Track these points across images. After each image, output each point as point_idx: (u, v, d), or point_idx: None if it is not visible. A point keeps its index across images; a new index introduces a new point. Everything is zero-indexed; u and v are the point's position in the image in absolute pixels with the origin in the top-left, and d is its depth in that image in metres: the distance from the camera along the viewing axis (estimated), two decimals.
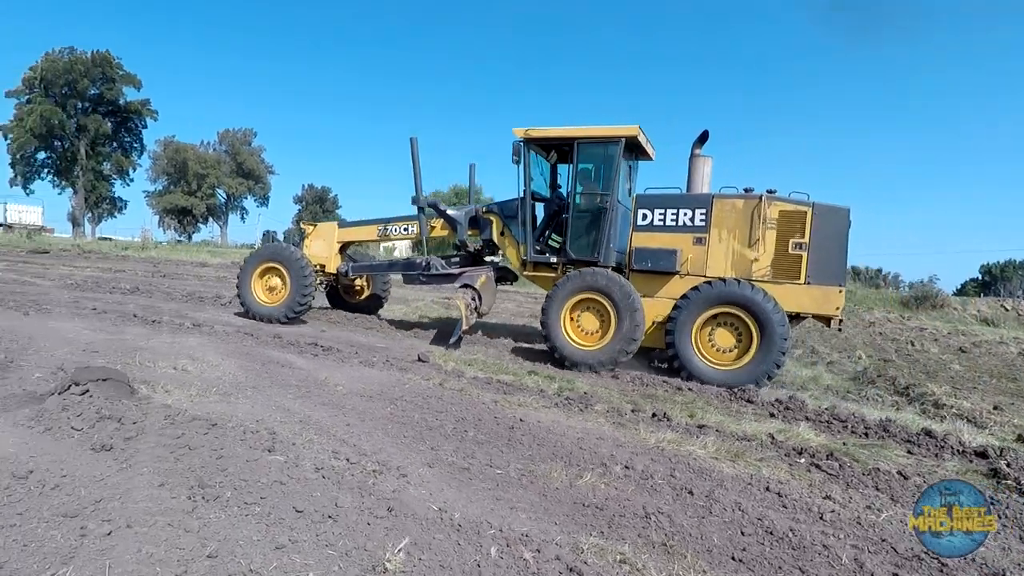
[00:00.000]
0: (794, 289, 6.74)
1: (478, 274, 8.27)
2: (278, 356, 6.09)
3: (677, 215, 7.20)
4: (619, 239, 7.72)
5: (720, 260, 7.01)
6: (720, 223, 7.02)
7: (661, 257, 7.17)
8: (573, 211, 7.83)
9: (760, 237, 6.82)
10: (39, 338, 5.80)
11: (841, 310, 6.71)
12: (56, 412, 3.56)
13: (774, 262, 6.81)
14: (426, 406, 4.72)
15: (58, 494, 2.61)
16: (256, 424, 3.79)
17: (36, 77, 49.15)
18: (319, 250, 9.55)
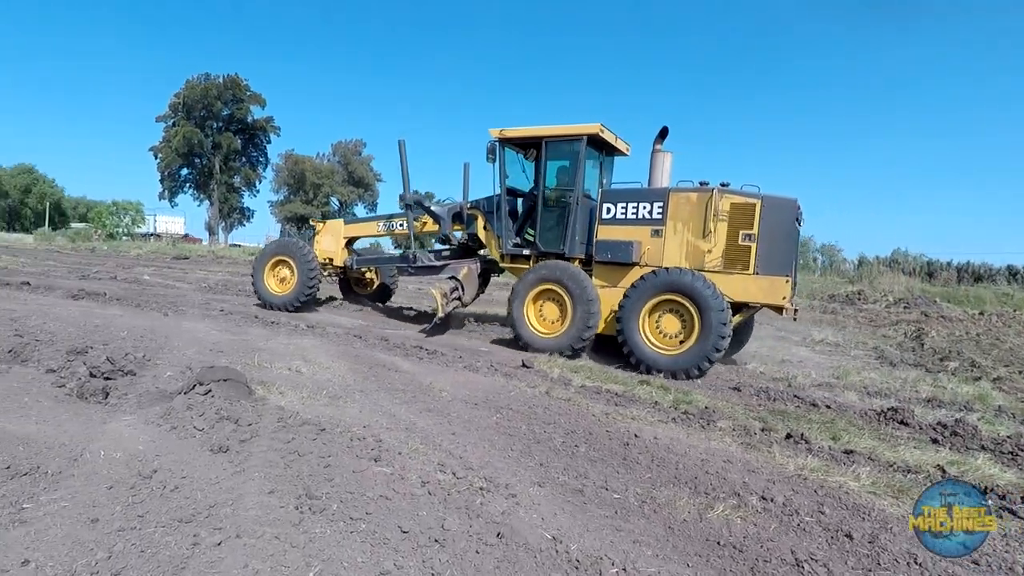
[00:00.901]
0: (743, 279, 6.88)
1: (461, 266, 8.84)
2: (385, 359, 6.12)
3: (637, 209, 7.44)
4: (588, 232, 7.95)
5: (675, 251, 7.21)
6: (675, 216, 7.23)
7: (621, 249, 7.40)
8: (541, 206, 8.25)
9: (712, 229, 6.99)
10: (173, 337, 6.23)
11: (789, 299, 6.79)
12: (182, 411, 3.69)
13: (725, 253, 6.96)
14: (533, 416, 4.47)
15: (177, 496, 2.62)
16: (363, 430, 3.73)
17: (179, 102, 55.23)
18: (328, 245, 10.34)
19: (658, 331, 7.07)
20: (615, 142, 8.29)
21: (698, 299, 6.68)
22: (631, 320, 7.04)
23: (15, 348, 5.13)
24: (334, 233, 10.44)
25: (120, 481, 2.72)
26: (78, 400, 3.90)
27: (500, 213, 8.52)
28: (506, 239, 8.52)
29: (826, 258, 35.36)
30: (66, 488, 2.60)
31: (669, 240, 7.25)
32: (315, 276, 9.52)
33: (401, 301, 12.47)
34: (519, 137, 8.39)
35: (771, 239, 6.82)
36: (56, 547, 2.14)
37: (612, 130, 8.09)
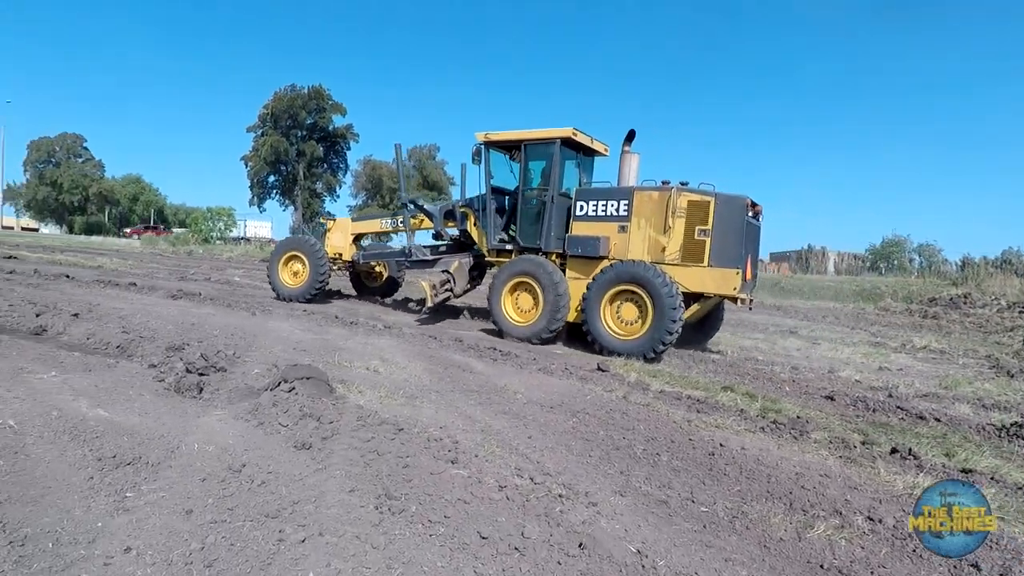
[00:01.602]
0: (699, 271, 7.30)
1: (453, 260, 9.40)
2: (459, 360, 6.14)
3: (606, 206, 7.94)
4: (566, 229, 8.39)
5: (639, 246, 7.65)
6: (639, 213, 7.67)
7: (591, 244, 7.92)
8: (521, 204, 8.83)
9: (671, 225, 7.44)
10: (260, 336, 6.52)
11: (739, 289, 7.22)
12: (268, 407, 3.81)
13: (683, 247, 7.38)
14: (610, 421, 4.32)
15: (263, 492, 2.68)
16: (439, 431, 3.72)
17: (268, 113, 58.55)
18: (337, 241, 11.01)
19: (618, 318, 7.56)
20: (591, 144, 8.77)
21: (651, 289, 7.11)
22: (593, 309, 7.52)
23: (122, 344, 5.54)
24: (343, 230, 11.12)
25: (212, 474, 2.82)
26: (175, 394, 4.13)
27: (486, 211, 9.09)
28: (492, 235, 9.09)
29: (924, 259, 32.72)
30: (164, 479, 2.73)
31: (634, 235, 7.72)
32: (325, 270, 10.22)
33: (409, 293, 12.77)
34: (502, 140, 8.98)
35: (724, 234, 7.24)
36: (155, 536, 2.23)
37: (588, 133, 8.65)
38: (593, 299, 7.53)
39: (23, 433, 3.09)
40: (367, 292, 12.26)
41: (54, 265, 14.73)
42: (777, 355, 8.29)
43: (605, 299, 7.50)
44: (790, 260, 42.93)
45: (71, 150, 69.89)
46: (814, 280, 25.61)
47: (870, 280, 24.64)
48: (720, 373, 6.61)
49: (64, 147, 69.43)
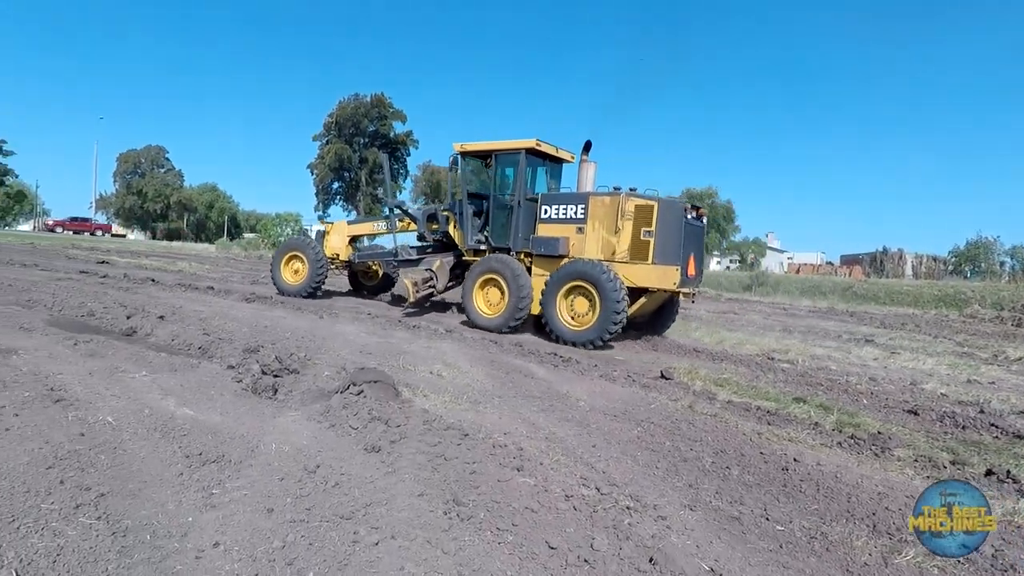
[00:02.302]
0: (644, 268, 7.97)
1: (435, 259, 10.09)
2: (520, 365, 6.16)
3: (566, 210, 8.71)
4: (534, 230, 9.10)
5: (594, 246, 8.37)
6: (594, 216, 8.41)
7: (553, 244, 8.68)
8: (493, 208, 9.64)
9: (621, 227, 8.14)
10: (328, 339, 6.76)
11: (679, 284, 7.88)
12: (338, 410, 3.94)
13: (630, 247, 8.07)
14: (676, 432, 4.21)
15: (337, 493, 2.77)
16: (504, 437, 3.73)
17: (332, 122, 60.74)
18: (335, 243, 11.83)
19: (572, 311, 8.27)
20: (556, 152, 9.58)
21: (598, 284, 7.82)
22: (550, 302, 8.30)
23: (203, 345, 5.86)
24: (340, 233, 11.98)
25: (289, 474, 2.94)
26: (252, 395, 4.33)
27: (464, 214, 9.89)
28: (469, 236, 9.87)
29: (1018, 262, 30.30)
30: (246, 477, 2.86)
31: (589, 236, 8.45)
32: (322, 268, 11.12)
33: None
34: (475, 150, 9.82)
35: (666, 235, 7.93)
36: (240, 532, 2.34)
37: (552, 143, 9.42)
38: (550, 294, 8.32)
39: (120, 429, 3.33)
40: (364, 290, 13.02)
41: (140, 269, 15.79)
42: (852, 365, 7.87)
43: (560, 294, 8.26)
44: (863, 263, 40.77)
45: (155, 161, 74.77)
46: (890, 284, 24.19)
47: (953, 285, 23.03)
48: (791, 383, 6.33)
49: (148, 158, 74.36)
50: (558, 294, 8.23)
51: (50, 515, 2.31)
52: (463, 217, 9.95)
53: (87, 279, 11.53)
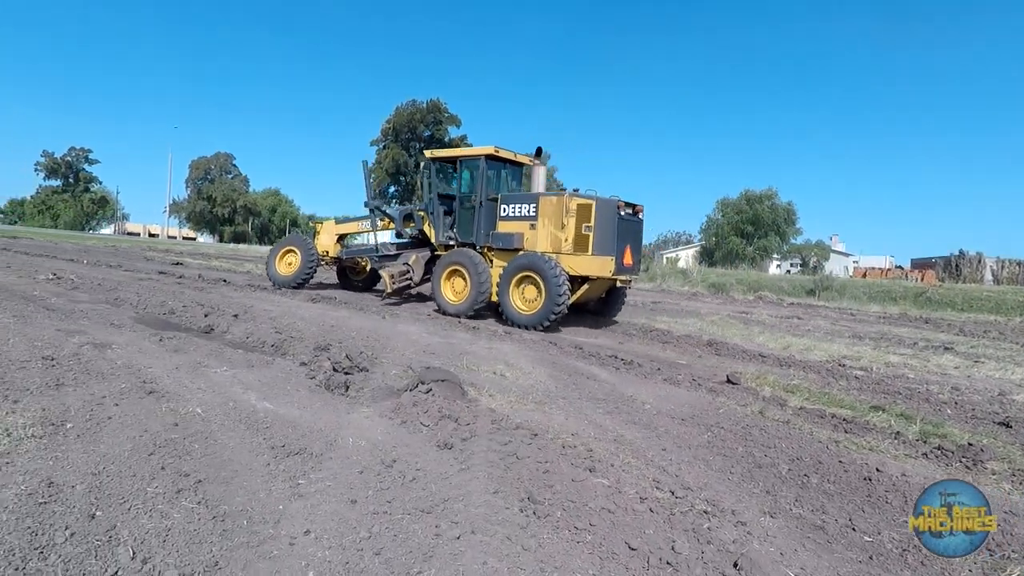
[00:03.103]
0: (585, 259, 8.85)
1: (411, 254, 11.15)
2: (582, 367, 6.13)
3: (520, 209, 9.57)
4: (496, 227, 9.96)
5: (544, 240, 9.21)
6: (543, 214, 9.25)
7: (509, 239, 9.58)
8: (459, 207, 10.71)
9: (565, 223, 8.95)
10: (392, 338, 6.92)
11: (615, 272, 8.97)
12: (408, 407, 4.03)
13: (574, 240, 8.88)
14: (748, 437, 4.09)
15: (415, 487, 2.84)
16: (572, 438, 3.73)
17: (390, 127, 62.25)
18: (325, 241, 12.88)
19: (523, 297, 9.20)
20: (515, 157, 10.60)
21: (543, 274, 8.74)
22: (505, 290, 9.26)
23: (276, 343, 6.12)
24: (328, 231, 13.03)
25: (368, 468, 3.03)
26: (325, 391, 4.48)
27: (435, 214, 10.96)
28: (440, 233, 10.90)
29: None
30: (327, 469, 2.97)
31: (540, 232, 9.29)
32: (313, 262, 12.27)
33: None
34: (443, 157, 11.08)
35: (603, 229, 8.87)
36: (327, 522, 2.43)
37: (511, 149, 10.48)
38: (504, 283, 9.28)
39: (209, 420, 3.51)
40: (355, 284, 13.70)
41: (212, 271, 16.61)
42: (931, 373, 7.43)
43: (513, 283, 9.22)
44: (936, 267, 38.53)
45: (223, 167, 78.63)
46: (968, 290, 22.72)
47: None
48: (865, 391, 6.03)
49: (218, 165, 78.25)
50: (511, 283, 9.22)
51: (156, 498, 2.47)
52: (435, 216, 11.03)
53: (165, 279, 12.22)
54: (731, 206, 49.62)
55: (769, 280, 27.07)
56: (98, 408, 3.49)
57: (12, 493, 2.37)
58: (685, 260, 47.58)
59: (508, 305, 9.22)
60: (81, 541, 2.10)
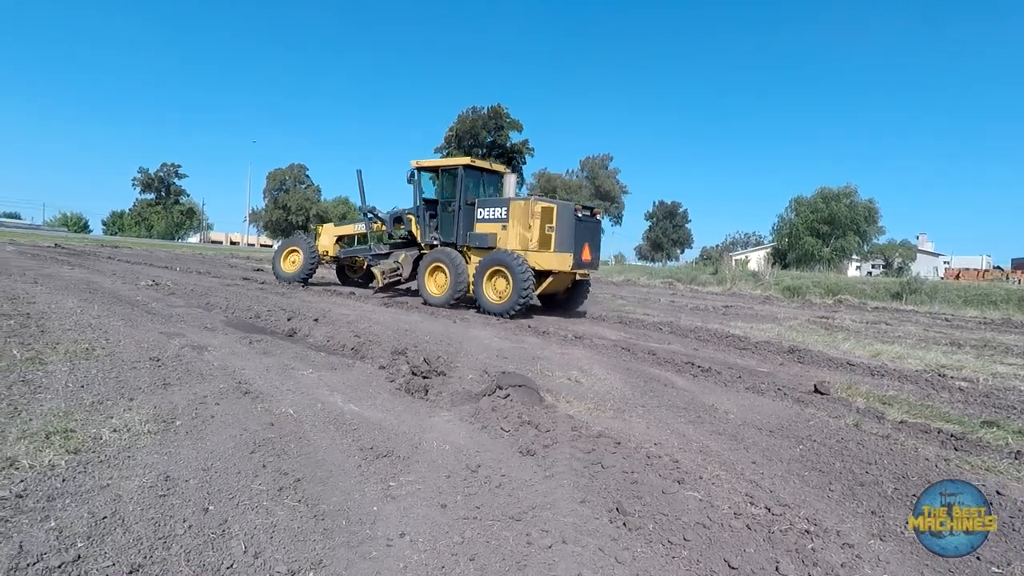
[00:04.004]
0: (548, 255, 10.11)
1: (401, 253, 12.58)
2: (658, 374, 5.98)
3: (494, 212, 10.87)
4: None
5: (514, 240, 10.42)
6: (513, 216, 10.52)
7: (484, 239, 10.92)
8: (441, 211, 12.05)
9: (531, 224, 10.19)
10: (465, 343, 7.00)
11: (573, 267, 10.35)
12: (488, 412, 4.06)
13: (538, 239, 10.10)
14: (845, 452, 3.85)
15: (502, 493, 2.84)
16: (656, 448, 3.63)
17: (452, 134, 63.40)
18: (325, 242, 14.20)
19: (495, 289, 10.39)
20: (491, 166, 12.25)
21: (510, 268, 9.96)
22: (479, 283, 10.48)
23: (355, 346, 6.31)
24: (328, 234, 14.39)
25: (454, 472, 3.06)
26: (406, 394, 4.57)
27: (421, 217, 12.22)
28: (426, 234, 12.21)
29: None
30: (415, 472, 3.02)
31: (510, 232, 10.57)
32: (314, 260, 13.67)
33: None
34: (428, 166, 12.40)
35: (563, 229, 10.24)
36: (421, 525, 2.46)
37: (486, 159, 11.98)
38: (478, 277, 10.51)
39: (301, 421, 3.66)
40: (355, 281, 14.93)
41: None
42: None
43: (486, 277, 10.42)
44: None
45: (297, 178, 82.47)
46: None
47: None
48: (973, 404, 5.56)
49: (292, 176, 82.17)
50: (484, 277, 10.44)
51: (260, 495, 2.58)
52: (421, 219, 12.30)
53: (249, 285, 12.91)
54: (806, 205, 47.23)
55: (849, 283, 25.58)
56: (202, 407, 3.71)
57: (135, 485, 2.55)
58: (756, 262, 45.68)
59: (482, 296, 10.47)
60: (198, 533, 2.22)
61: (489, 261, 10.40)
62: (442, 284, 11.26)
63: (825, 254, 44.58)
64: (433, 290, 11.41)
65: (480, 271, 10.52)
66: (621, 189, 68.88)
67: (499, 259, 10.21)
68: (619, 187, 68.60)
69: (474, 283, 10.65)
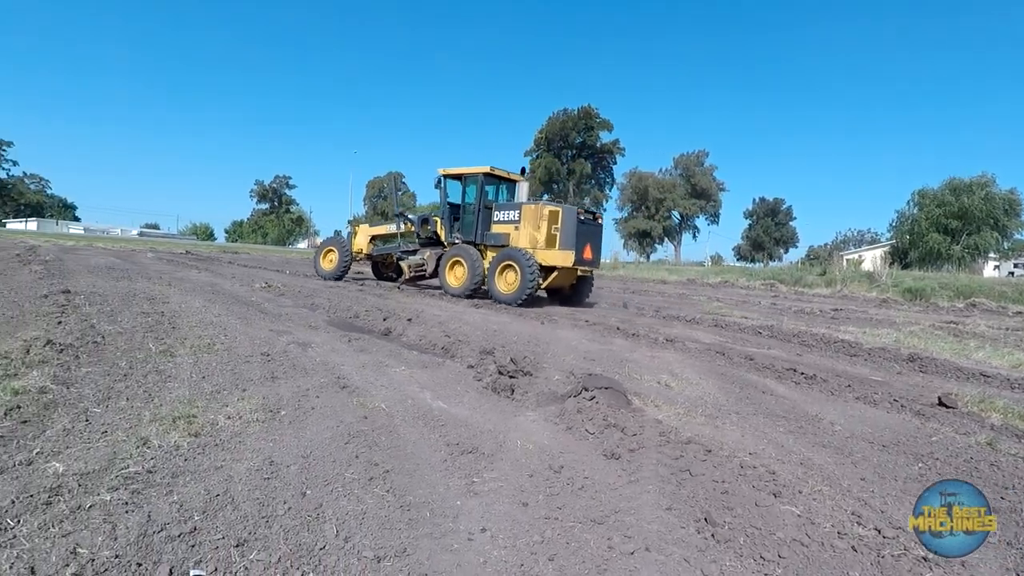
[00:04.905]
0: (553, 252, 11.62)
1: (426, 251, 14.09)
2: (755, 380, 5.65)
3: (508, 215, 12.40)
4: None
5: (525, 239, 11.97)
6: (524, 218, 12.08)
7: (499, 238, 12.40)
8: (463, 213, 13.39)
9: (540, 225, 11.77)
10: (552, 344, 6.99)
11: (575, 263, 11.68)
12: (573, 413, 4.02)
13: (545, 239, 11.69)
14: (975, 474, 3.44)
15: (584, 496, 2.80)
16: (750, 458, 3.43)
17: (543, 137, 63.79)
18: (361, 241, 15.83)
19: (505, 281, 11.76)
20: (507, 175, 13.30)
21: (519, 263, 11.36)
22: (492, 276, 11.93)
23: (445, 346, 6.49)
24: (363, 233, 16.02)
25: (537, 472, 3.05)
26: (492, 393, 4.63)
27: (445, 218, 13.72)
28: (448, 234, 13.65)
29: None
30: (498, 470, 3.05)
31: (522, 232, 11.98)
32: (348, 259, 15.33)
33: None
34: (452, 174, 13.52)
35: (567, 230, 11.52)
36: (502, 522, 2.48)
37: (504, 168, 13.21)
38: (491, 271, 11.99)
39: (392, 415, 3.81)
40: (384, 277, 16.54)
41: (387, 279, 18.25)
42: None
43: (498, 270, 11.88)
44: None
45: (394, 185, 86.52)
46: None
47: None
48: None
49: (390, 183, 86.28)
50: (496, 270, 11.89)
51: (352, 483, 2.72)
52: (445, 220, 13.75)
53: (349, 287, 13.68)
54: (931, 198, 42.83)
55: (985, 284, 22.85)
56: (303, 399, 3.97)
57: (244, 467, 2.77)
58: (871, 262, 41.99)
59: (494, 286, 11.88)
60: (296, 515, 2.38)
61: (501, 256, 11.87)
62: (460, 276, 12.74)
63: (955, 252, 40.25)
64: (452, 282, 12.91)
65: (493, 266, 11.99)
66: (718, 186, 66.03)
67: (510, 255, 11.66)
68: (716, 184, 65.79)
69: (488, 276, 12.10)
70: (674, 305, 14.55)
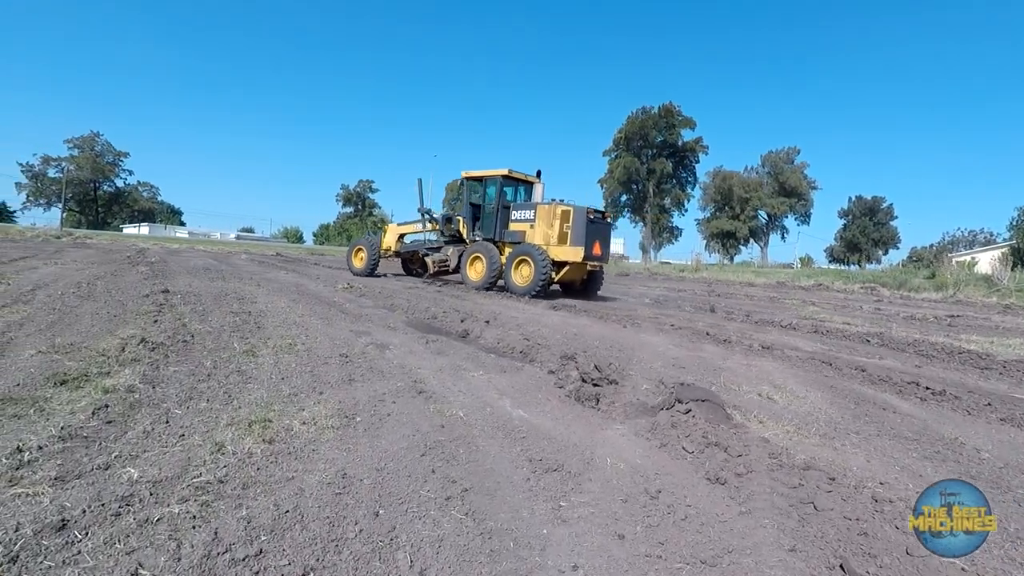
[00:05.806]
0: (565, 248, 12.57)
1: (450, 248, 15.33)
2: (871, 394, 5.00)
3: (524, 214, 13.60)
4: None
5: (540, 236, 13.06)
6: (539, 218, 13.17)
7: (515, 235, 13.67)
8: (483, 213, 14.66)
9: (553, 224, 12.73)
10: (636, 349, 6.57)
11: (584, 259, 12.44)
12: (666, 428, 3.64)
13: (558, 236, 12.66)
14: None
15: (689, 529, 2.43)
16: (883, 489, 2.93)
17: (621, 136, 62.47)
18: (389, 239, 16.97)
19: (520, 275, 12.83)
20: (524, 177, 14.17)
21: (532, 258, 12.51)
22: (508, 270, 13.00)
23: (524, 349, 6.23)
24: (392, 232, 17.20)
25: (631, 496, 2.71)
26: (576, 403, 4.31)
27: (467, 217, 14.88)
28: (471, 232, 14.81)
29: None
30: (588, 492, 2.73)
31: (537, 230, 13.12)
32: (376, 256, 16.38)
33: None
34: (474, 176, 14.70)
35: (578, 228, 12.52)
36: (596, 557, 2.17)
37: (521, 171, 14.12)
38: (508, 265, 12.99)
39: (470, 425, 3.58)
40: (412, 272, 17.73)
41: None
42: None
43: (514, 264, 12.88)
44: None
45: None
46: None
47: None
48: None
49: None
50: (513, 264, 12.92)
51: (428, 503, 2.49)
52: (467, 219, 14.93)
53: (427, 288, 13.76)
54: None
55: None
56: (379, 404, 3.82)
57: (316, 479, 2.62)
58: (988, 264, 37.88)
59: (510, 279, 12.96)
60: (368, 539, 2.17)
61: (517, 252, 12.95)
62: (480, 271, 13.82)
63: None
64: (472, 276, 14.03)
65: (509, 260, 13.08)
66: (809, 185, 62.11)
67: (525, 251, 12.75)
68: (807, 182, 61.93)
69: (504, 270, 13.17)
70: (765, 309, 13.60)
